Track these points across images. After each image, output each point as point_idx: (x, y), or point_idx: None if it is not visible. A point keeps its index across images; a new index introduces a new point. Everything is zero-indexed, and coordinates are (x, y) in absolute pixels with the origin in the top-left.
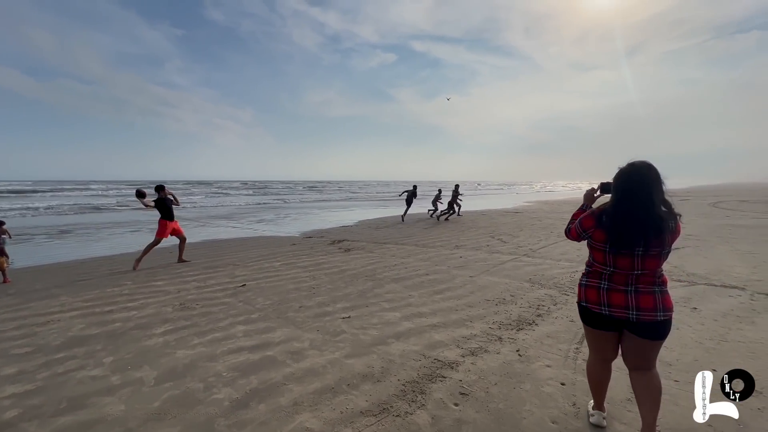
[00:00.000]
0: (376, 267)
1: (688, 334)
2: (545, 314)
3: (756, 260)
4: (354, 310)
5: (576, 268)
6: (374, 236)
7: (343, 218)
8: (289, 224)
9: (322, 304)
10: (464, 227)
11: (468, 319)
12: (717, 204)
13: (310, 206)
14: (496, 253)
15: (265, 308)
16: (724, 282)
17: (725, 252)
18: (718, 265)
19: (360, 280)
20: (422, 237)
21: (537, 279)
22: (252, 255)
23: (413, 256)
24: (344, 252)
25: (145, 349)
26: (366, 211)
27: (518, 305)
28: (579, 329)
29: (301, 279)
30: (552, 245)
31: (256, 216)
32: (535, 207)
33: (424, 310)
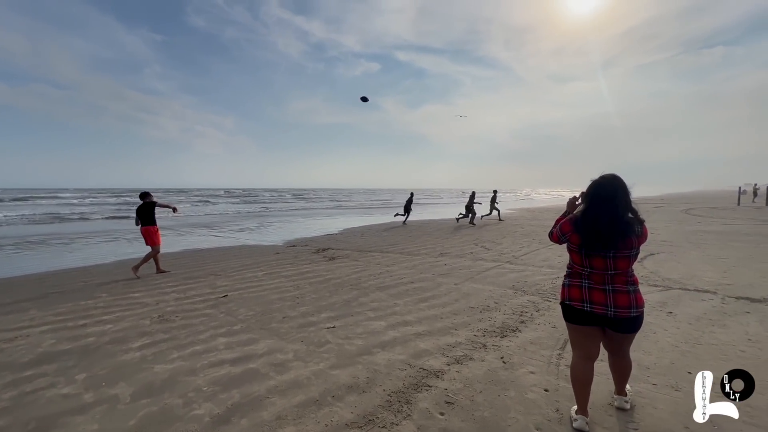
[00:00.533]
0: (361, 275)
1: (665, 338)
2: (528, 321)
3: (726, 265)
4: (339, 319)
5: (557, 275)
6: (359, 244)
7: (327, 226)
8: (272, 233)
9: (307, 314)
10: (449, 234)
11: (453, 327)
12: (689, 211)
13: (295, 214)
14: (480, 260)
15: (247, 319)
16: (697, 286)
17: (697, 257)
18: (691, 270)
19: (345, 288)
20: (407, 245)
21: (520, 286)
22: (234, 264)
23: (398, 264)
24: (329, 260)
25: (121, 364)
26: (351, 219)
27: (502, 312)
28: (561, 335)
29: (284, 289)
30: (534, 252)
31: (238, 224)
32: (517, 214)
33: (409, 319)
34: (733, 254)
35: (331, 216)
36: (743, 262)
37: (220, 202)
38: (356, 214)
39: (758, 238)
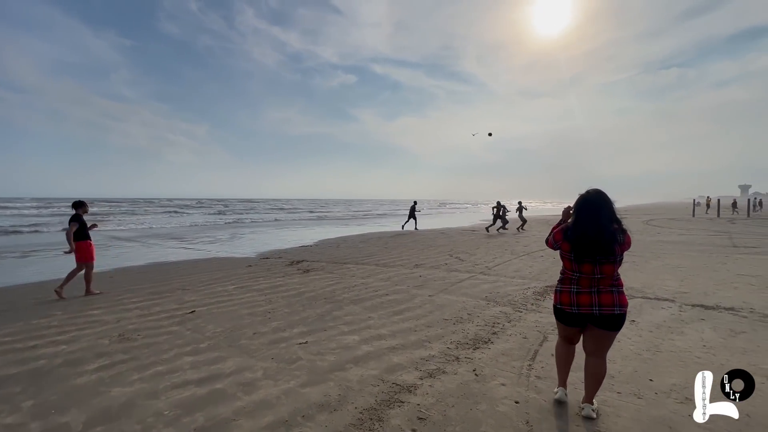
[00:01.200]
0: (335, 288)
1: (628, 346)
2: (500, 332)
3: (683, 274)
4: (311, 334)
5: (528, 285)
6: (334, 256)
7: (302, 237)
8: (245, 244)
9: (278, 330)
10: (424, 246)
11: (427, 340)
12: (649, 222)
13: (269, 225)
14: (454, 271)
15: (215, 336)
16: (657, 295)
17: (657, 266)
18: (651, 279)
19: (318, 302)
20: (383, 256)
21: (492, 297)
22: (203, 278)
23: (373, 276)
24: (303, 273)
25: (75, 388)
26: (326, 230)
27: (475, 324)
28: (531, 345)
29: (256, 303)
30: (506, 263)
31: (210, 236)
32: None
33: (383, 332)
34: (689, 263)
35: (306, 227)
36: (698, 271)
37: (192, 213)
38: (333, 225)
39: (711, 248)
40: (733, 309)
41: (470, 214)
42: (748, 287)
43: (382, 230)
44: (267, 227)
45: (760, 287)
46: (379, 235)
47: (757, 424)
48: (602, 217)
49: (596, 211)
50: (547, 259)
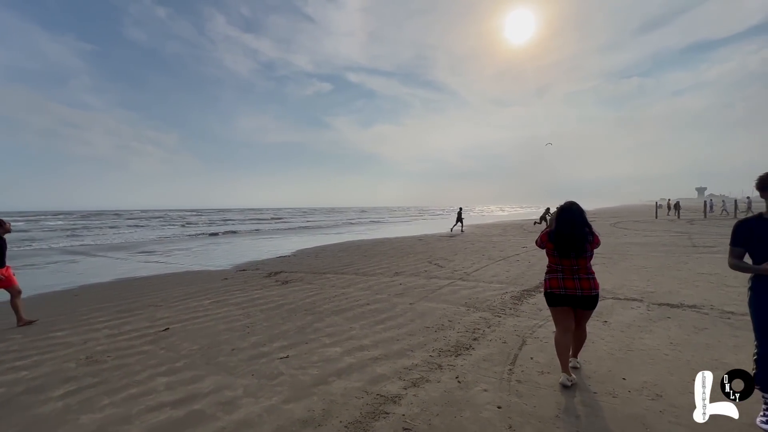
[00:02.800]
0: (315, 299)
1: (602, 346)
2: (480, 337)
3: (649, 274)
4: (293, 348)
5: (506, 290)
6: (313, 266)
7: (280, 247)
8: (220, 256)
9: (258, 345)
10: (403, 253)
11: (409, 349)
12: (617, 224)
13: (245, 236)
14: (434, 278)
15: (191, 354)
16: (626, 295)
17: (626, 268)
18: (621, 280)
19: (299, 314)
20: (362, 265)
21: (472, 302)
22: (177, 293)
23: (353, 286)
24: (282, 285)
25: (38, 418)
26: (304, 239)
27: (456, 330)
28: (511, 350)
29: (234, 318)
30: (484, 268)
31: (183, 248)
32: (467, 231)
33: (365, 343)
34: (655, 263)
35: (284, 236)
36: (663, 271)
37: (163, 225)
38: (311, 234)
39: (673, 248)
40: (695, 306)
41: (447, 220)
42: (707, 285)
43: (361, 238)
44: (243, 237)
45: (718, 285)
46: (358, 244)
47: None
48: (576, 223)
49: (571, 218)
50: (522, 264)
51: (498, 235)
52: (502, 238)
